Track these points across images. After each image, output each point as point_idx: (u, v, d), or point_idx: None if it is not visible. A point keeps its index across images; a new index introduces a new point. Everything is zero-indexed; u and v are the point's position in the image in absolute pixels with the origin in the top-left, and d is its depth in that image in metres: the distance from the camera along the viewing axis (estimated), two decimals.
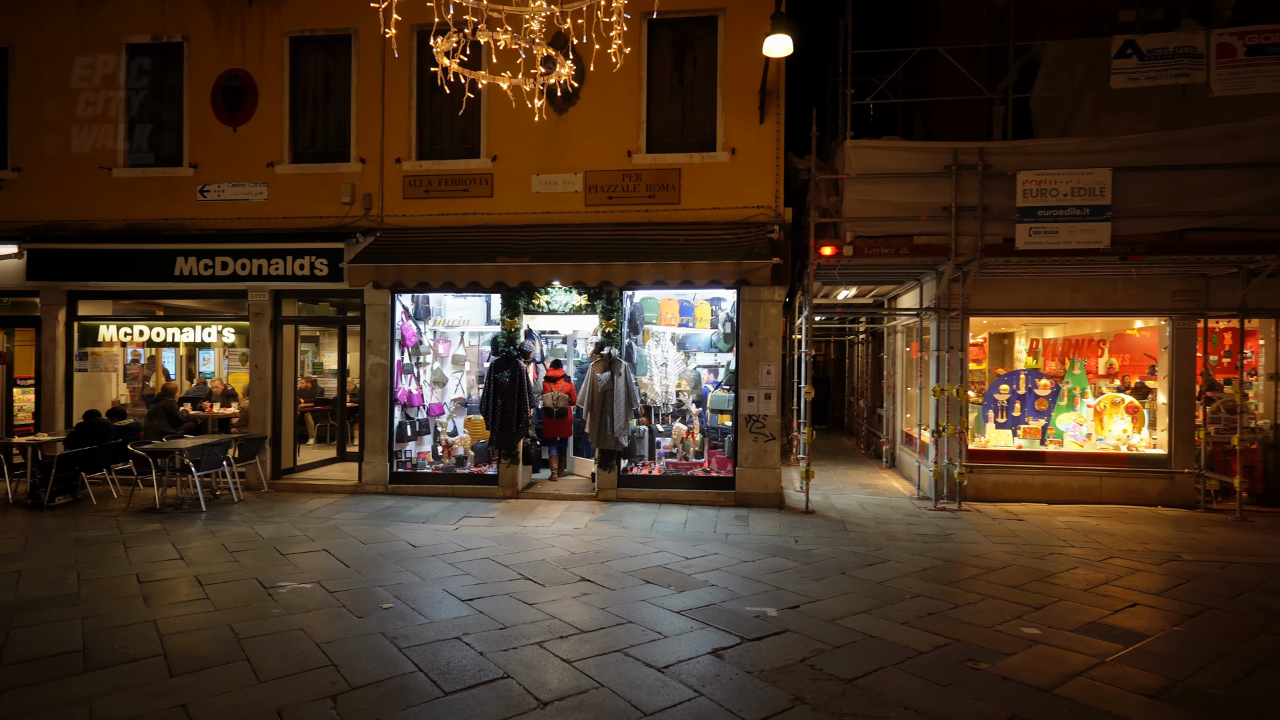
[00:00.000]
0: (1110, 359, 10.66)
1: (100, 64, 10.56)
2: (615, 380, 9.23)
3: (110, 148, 10.55)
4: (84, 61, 10.57)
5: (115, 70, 10.55)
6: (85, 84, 10.58)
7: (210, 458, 9.01)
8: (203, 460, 8.89)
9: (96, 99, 10.57)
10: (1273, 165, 8.36)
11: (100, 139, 10.57)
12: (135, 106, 10.62)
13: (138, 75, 10.62)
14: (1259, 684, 4.34)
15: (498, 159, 9.84)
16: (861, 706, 4.00)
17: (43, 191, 10.59)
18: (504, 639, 4.90)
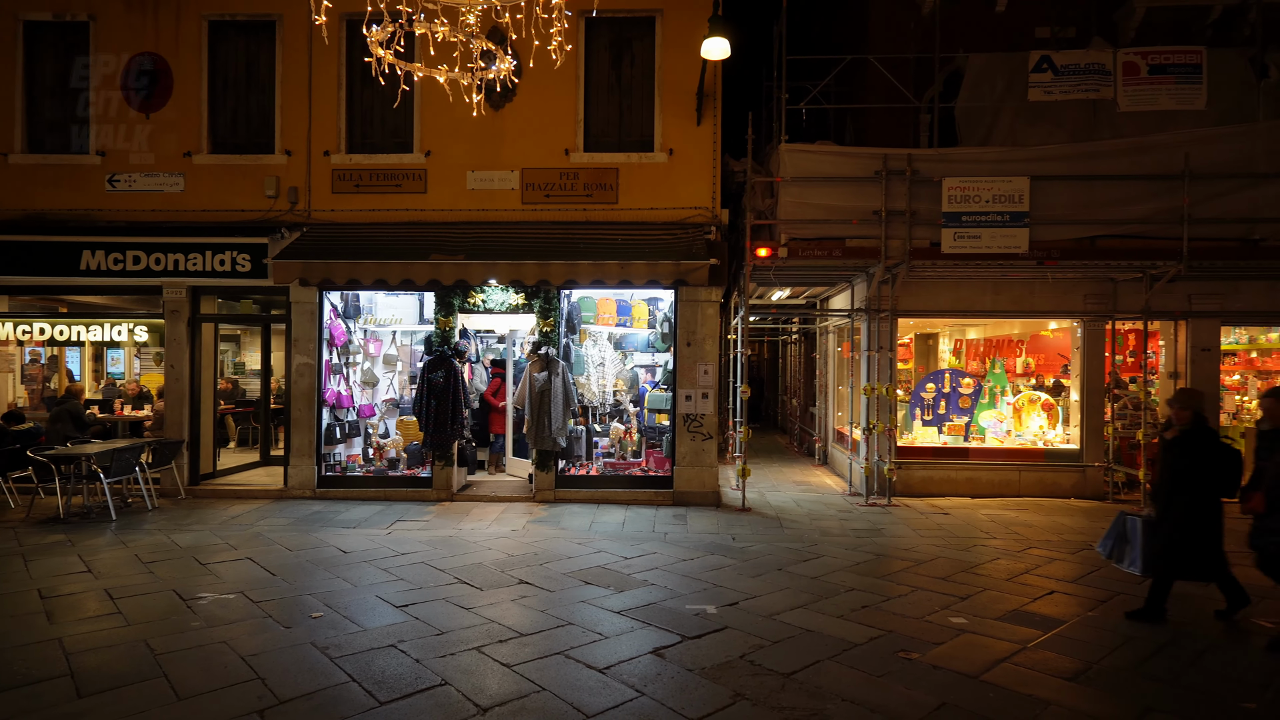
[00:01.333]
0: (1027, 359, 11.19)
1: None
2: (553, 380, 9.15)
3: (6, 132, 9.84)
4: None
5: (12, 49, 9.84)
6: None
7: (121, 463, 8.49)
8: (112, 466, 8.38)
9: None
10: (1172, 178, 8.92)
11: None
12: (35, 89, 9.94)
13: (38, 55, 9.94)
14: (1161, 663, 4.62)
15: (432, 154, 9.62)
16: (800, 700, 4.07)
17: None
18: (441, 645, 4.79)
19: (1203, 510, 5.28)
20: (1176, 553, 5.33)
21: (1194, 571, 5.36)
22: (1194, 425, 5.39)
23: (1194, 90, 9.28)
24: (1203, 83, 9.28)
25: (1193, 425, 5.39)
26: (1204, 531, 5.29)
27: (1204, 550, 5.30)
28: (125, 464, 8.58)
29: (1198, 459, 5.30)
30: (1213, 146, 9.09)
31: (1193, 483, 5.30)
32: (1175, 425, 5.48)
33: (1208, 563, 5.32)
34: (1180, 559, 5.33)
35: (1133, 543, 5.64)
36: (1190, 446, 5.35)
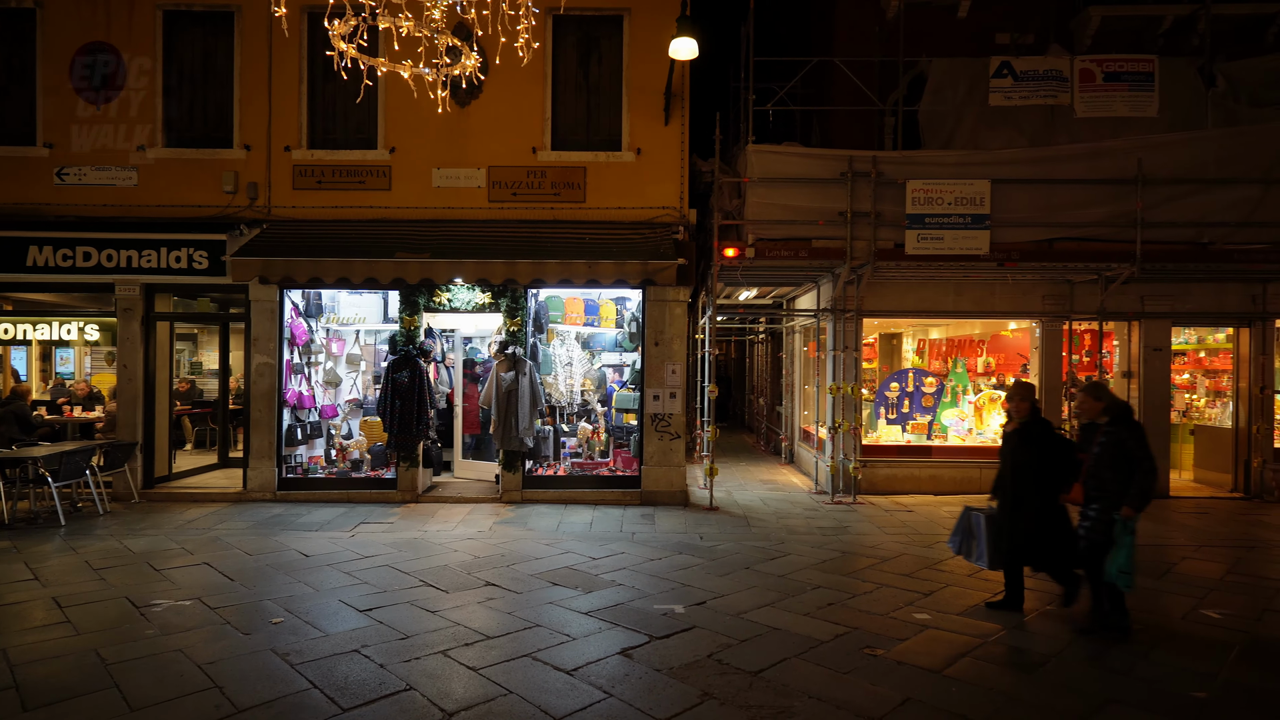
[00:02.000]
0: (988, 358, 11.41)
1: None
2: (520, 380, 9.08)
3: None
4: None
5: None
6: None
7: (70, 466, 8.21)
8: (61, 469, 8.09)
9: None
10: (1126, 182, 9.18)
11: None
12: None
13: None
14: (1120, 655, 4.73)
15: (396, 151, 9.48)
16: (768, 698, 4.08)
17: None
18: (406, 649, 4.71)
19: (1041, 501, 5.33)
20: (1019, 543, 5.40)
21: (1036, 562, 5.43)
22: (1031, 418, 5.46)
23: (1147, 98, 9.56)
24: (1155, 90, 9.57)
25: (1030, 418, 5.46)
26: (1043, 522, 5.34)
27: (1043, 541, 5.36)
28: (75, 467, 8.29)
29: (1034, 451, 5.38)
30: (1164, 152, 9.36)
31: (1030, 475, 5.37)
32: (1014, 418, 5.55)
33: (1047, 554, 5.39)
34: (1022, 549, 5.41)
35: (978, 538, 5.67)
36: (1027, 439, 5.43)
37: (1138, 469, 4.94)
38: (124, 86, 9.47)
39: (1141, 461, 4.94)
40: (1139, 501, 4.91)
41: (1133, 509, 4.90)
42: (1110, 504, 5.02)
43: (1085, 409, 5.37)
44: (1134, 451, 4.97)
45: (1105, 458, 5.06)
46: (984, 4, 11.03)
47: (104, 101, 9.48)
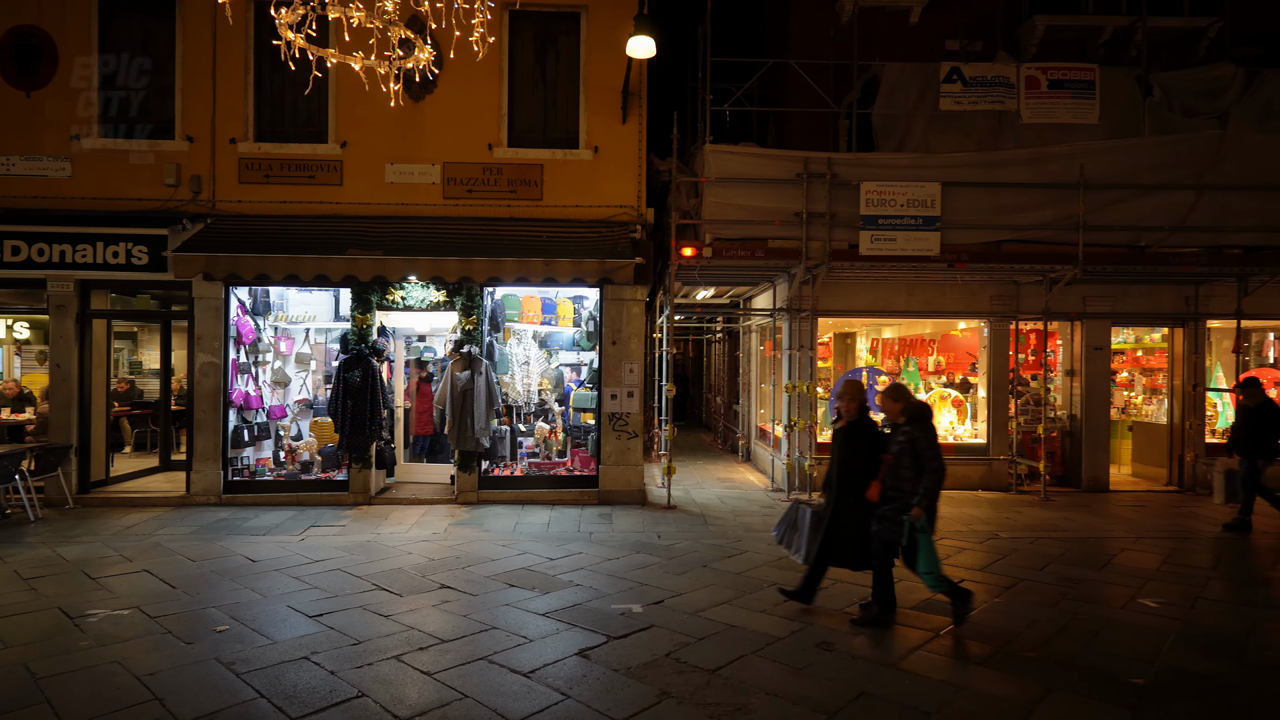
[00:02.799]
0: (939, 357, 11.68)
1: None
2: (476, 379, 8.96)
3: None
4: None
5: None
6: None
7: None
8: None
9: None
10: (1069, 186, 9.48)
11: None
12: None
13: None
14: (1064, 644, 4.88)
15: (348, 145, 9.26)
16: (725, 695, 4.10)
17: None
18: (357, 655, 4.60)
19: (856, 499, 5.27)
20: (828, 540, 5.37)
21: (849, 560, 5.38)
22: (859, 417, 5.43)
23: (1088, 105, 9.89)
24: (1096, 98, 9.91)
25: (858, 417, 5.43)
26: (859, 521, 5.28)
27: (858, 539, 5.30)
28: (3, 471, 7.90)
29: (857, 450, 5.35)
30: (1104, 159, 9.70)
31: (850, 473, 5.33)
32: (843, 417, 5.51)
33: (860, 552, 5.33)
34: (830, 546, 5.37)
35: (800, 531, 5.66)
36: (852, 437, 5.39)
37: (926, 469, 4.96)
38: (56, 72, 9.05)
39: (930, 462, 4.97)
40: (926, 501, 4.94)
41: (921, 509, 4.92)
42: (904, 504, 5.02)
43: (886, 410, 5.37)
44: (924, 452, 4.99)
45: (903, 458, 5.06)
46: (935, 10, 11.27)
47: (35, 88, 9.04)
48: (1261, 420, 8.07)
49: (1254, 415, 8.14)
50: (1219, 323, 10.82)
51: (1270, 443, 8.04)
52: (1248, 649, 4.84)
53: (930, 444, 5.03)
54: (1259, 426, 8.07)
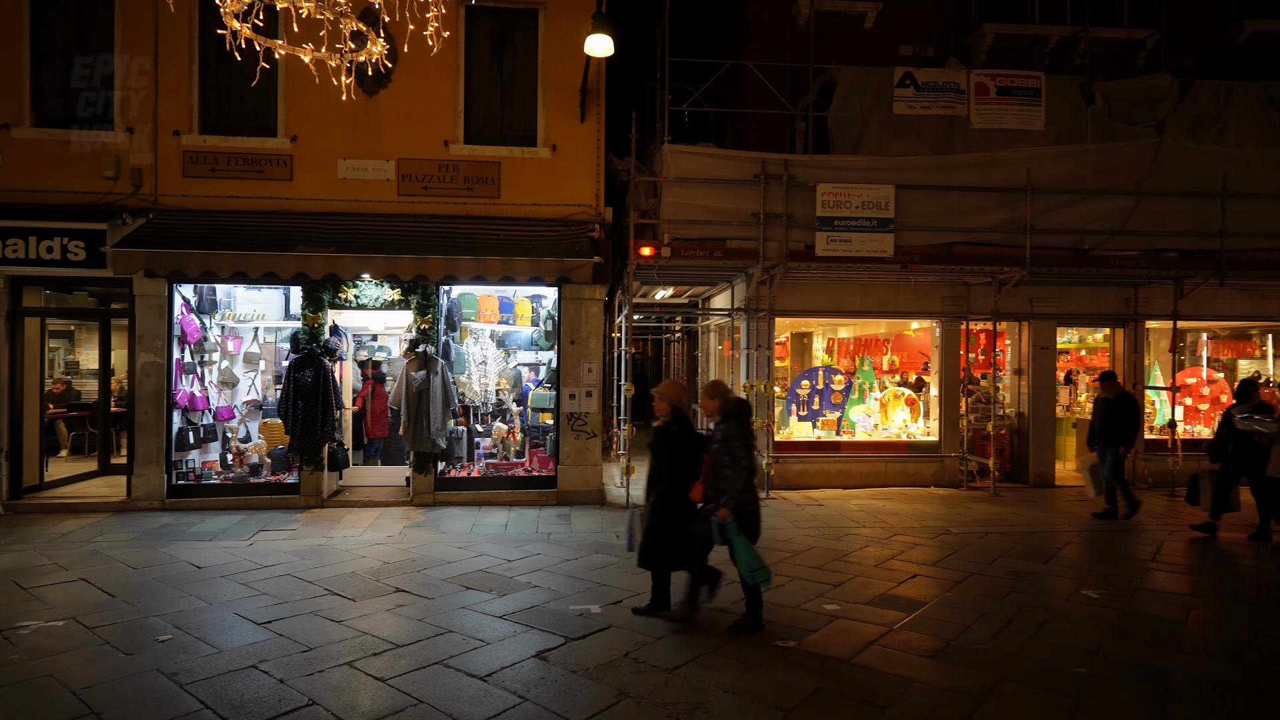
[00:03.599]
0: (893, 356, 11.90)
1: None
2: (431, 379, 8.82)
3: None
4: None
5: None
6: None
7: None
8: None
9: None
10: (1017, 191, 9.74)
11: None
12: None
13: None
14: (1012, 636, 5.01)
15: (298, 139, 9.02)
16: (683, 694, 4.10)
17: None
18: (308, 662, 4.48)
19: (679, 500, 5.14)
20: (655, 541, 5.20)
21: (666, 561, 5.24)
22: (672, 416, 5.30)
23: (1035, 112, 10.18)
24: (1042, 105, 10.19)
25: (671, 416, 5.30)
26: (676, 521, 5.15)
27: (674, 539, 5.15)
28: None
29: (673, 450, 5.21)
30: (1050, 164, 10.00)
31: (672, 474, 5.20)
32: (659, 417, 5.38)
33: (675, 553, 5.18)
34: (648, 548, 5.23)
35: (631, 533, 5.51)
36: (666, 438, 5.25)
37: (735, 468, 4.89)
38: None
39: (739, 461, 4.90)
40: (733, 500, 4.88)
41: (728, 510, 4.87)
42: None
43: (704, 408, 5.28)
44: (736, 450, 4.91)
45: (720, 457, 4.97)
46: (889, 16, 11.49)
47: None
48: (1121, 412, 8.56)
49: (1114, 407, 8.62)
50: (1157, 323, 11.24)
51: (1130, 431, 8.55)
52: (1182, 637, 5.03)
53: (745, 443, 4.95)
54: (1120, 418, 8.55)
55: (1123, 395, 8.72)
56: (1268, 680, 4.36)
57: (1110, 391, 8.75)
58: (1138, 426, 8.58)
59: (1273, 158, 10.33)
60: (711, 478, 5.02)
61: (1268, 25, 11.67)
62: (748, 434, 5.02)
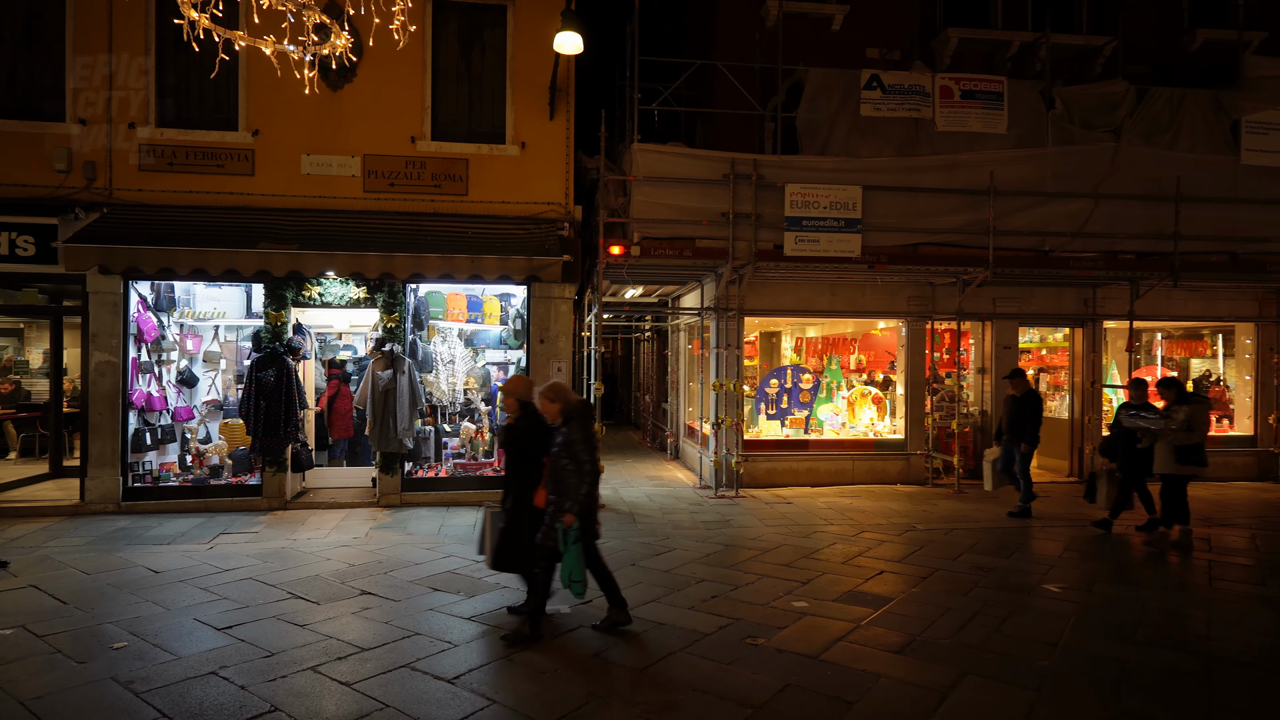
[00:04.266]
0: (860, 355, 12.05)
1: None
2: (398, 378, 8.70)
3: None
4: None
5: None
6: None
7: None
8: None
9: None
10: (980, 192, 9.92)
11: None
12: None
13: None
14: (976, 631, 5.09)
15: (260, 134, 8.83)
16: (653, 694, 4.10)
17: None
18: (271, 668, 4.38)
19: (525, 502, 5.01)
20: (511, 545, 5.01)
21: (515, 566, 5.06)
22: (521, 413, 5.10)
23: (998, 115, 10.37)
24: (1004, 109, 10.39)
25: (520, 413, 5.11)
26: (525, 524, 4.97)
27: (526, 543, 4.95)
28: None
29: (523, 450, 5.03)
30: (1012, 167, 10.20)
31: (523, 475, 5.03)
32: (508, 415, 5.19)
33: (526, 556, 4.96)
34: (507, 553, 5.04)
35: (485, 537, 5.38)
36: (515, 437, 5.08)
37: (579, 472, 4.73)
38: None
39: (583, 464, 4.74)
40: (579, 506, 4.71)
41: (573, 514, 4.69)
42: (561, 509, 4.76)
43: (544, 411, 4.99)
44: (578, 454, 4.74)
45: (561, 460, 4.78)
46: (856, 19, 11.60)
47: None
48: (1025, 409, 8.67)
49: (1019, 404, 8.74)
50: (1114, 323, 11.53)
51: (1032, 429, 8.64)
52: (1136, 629, 5.17)
53: (587, 446, 4.76)
54: (1024, 415, 8.66)
55: (1028, 393, 8.80)
56: (1216, 669, 4.49)
57: (1018, 389, 8.83)
58: (1039, 424, 8.67)
59: (1222, 163, 10.68)
60: (554, 481, 4.83)
61: (1218, 35, 12.03)
62: (590, 437, 4.82)
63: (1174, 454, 7.35)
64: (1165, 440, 7.37)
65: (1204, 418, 7.32)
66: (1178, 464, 7.36)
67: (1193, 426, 7.23)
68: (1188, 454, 7.32)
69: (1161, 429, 7.40)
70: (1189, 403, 7.35)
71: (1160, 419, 7.45)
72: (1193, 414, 7.24)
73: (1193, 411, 7.26)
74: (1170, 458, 7.38)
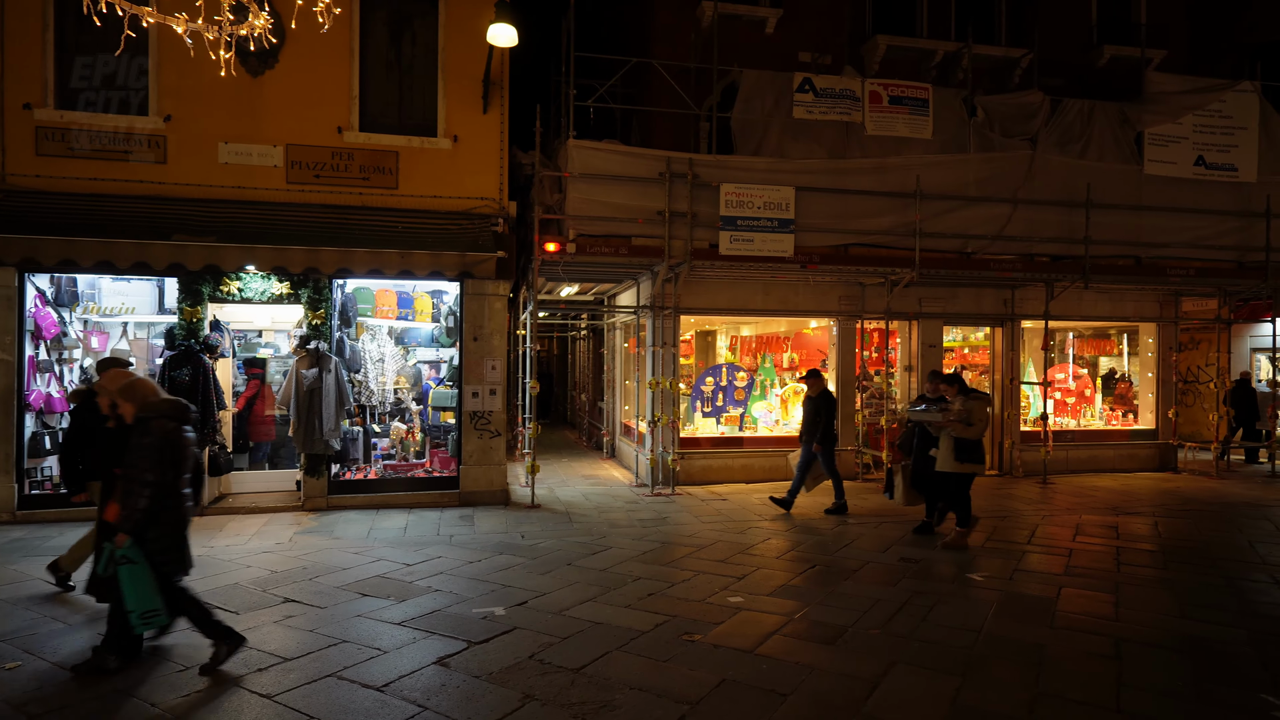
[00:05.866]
0: (793, 354, 12.26)
1: None
2: (324, 377, 8.38)
3: None
4: None
5: None
6: None
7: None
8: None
9: None
10: (908, 195, 10.23)
11: None
12: None
13: None
14: (903, 621, 5.23)
15: (173, 119, 8.37)
16: (590, 694, 4.04)
17: None
18: (186, 682, 4.13)
19: (101, 518, 4.58)
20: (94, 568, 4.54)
21: (102, 593, 4.59)
22: (114, 414, 4.62)
23: (923, 121, 10.72)
24: (930, 115, 10.75)
25: (114, 414, 4.63)
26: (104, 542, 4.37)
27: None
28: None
29: (116, 454, 4.41)
30: (937, 171, 10.56)
31: (110, 485, 4.58)
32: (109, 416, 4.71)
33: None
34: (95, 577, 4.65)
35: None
36: (112, 440, 4.57)
37: (140, 483, 4.10)
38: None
39: (145, 474, 4.10)
40: (130, 524, 4.11)
41: (126, 533, 4.12)
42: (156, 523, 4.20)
43: (123, 412, 4.46)
44: (144, 462, 4.10)
45: (129, 469, 4.17)
46: (789, 23, 11.81)
47: None
48: (819, 409, 8.60)
49: (814, 404, 8.65)
50: (1031, 323, 12.07)
51: (823, 429, 8.55)
52: (1055, 615, 5.40)
53: (151, 453, 4.11)
54: (817, 415, 8.58)
55: (823, 393, 8.70)
56: (1126, 649, 4.73)
57: (813, 389, 8.74)
58: (831, 424, 8.61)
59: (1127, 173, 11.31)
60: (124, 494, 4.18)
61: (1124, 51, 12.75)
62: (168, 443, 4.19)
63: (954, 451, 7.16)
64: (945, 433, 7.21)
65: (982, 413, 7.16)
66: (957, 461, 7.16)
67: (971, 420, 7.07)
68: (967, 451, 7.13)
69: (938, 421, 7.27)
70: (969, 397, 7.23)
71: (937, 411, 7.32)
72: (971, 407, 7.10)
73: (971, 405, 7.12)
74: (950, 455, 7.18)
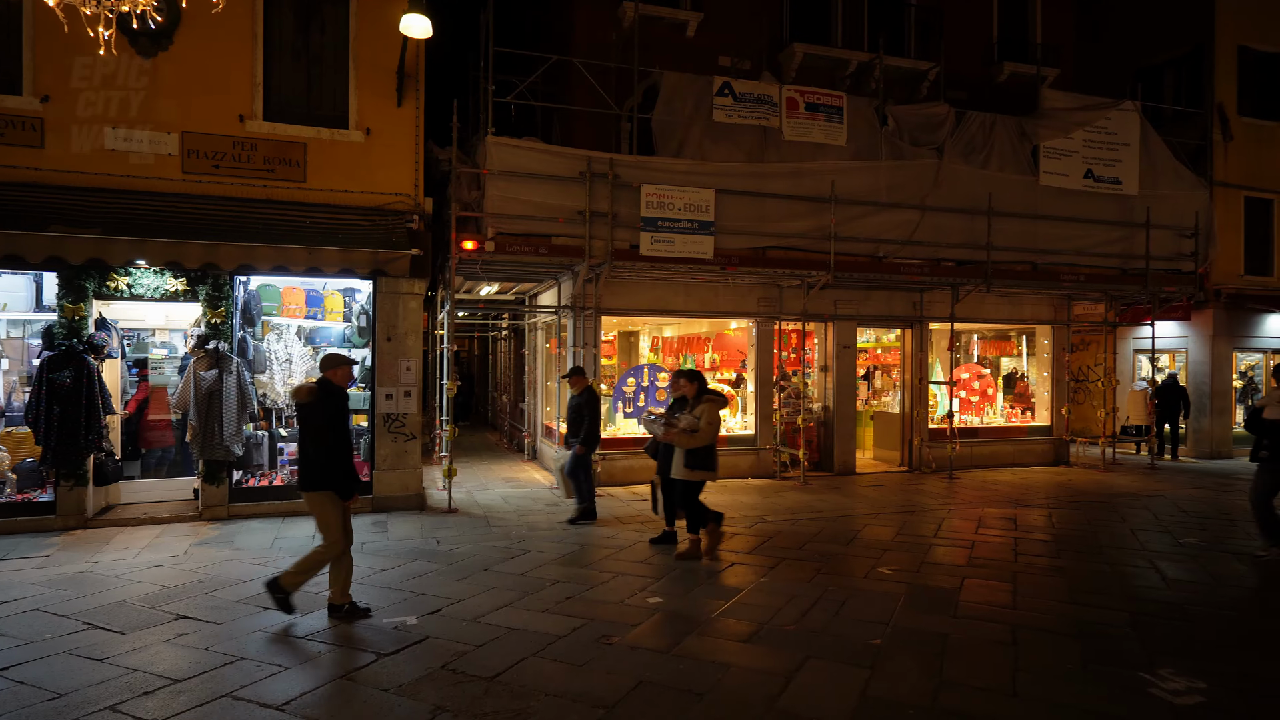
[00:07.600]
0: (714, 354, 12.41)
1: None
2: (225, 379, 7.94)
3: None
4: None
5: None
6: None
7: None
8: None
9: None
10: (823, 200, 10.51)
11: None
12: None
13: None
14: (818, 615, 5.34)
15: (51, 100, 7.75)
16: (504, 702, 3.95)
17: None
18: (57, 712, 3.81)
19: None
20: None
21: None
22: None
23: (838, 128, 11.03)
24: (844, 123, 11.07)
25: None
26: None
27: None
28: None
29: None
30: (851, 177, 10.89)
31: None
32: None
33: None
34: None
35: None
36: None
37: None
38: None
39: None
40: None
41: None
42: None
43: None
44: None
45: None
46: (709, 27, 11.94)
47: None
48: (581, 409, 8.18)
49: (577, 403, 8.25)
50: (938, 325, 12.61)
51: (590, 430, 8.14)
52: (957, 605, 5.63)
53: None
54: (580, 415, 8.17)
55: (586, 391, 8.22)
56: (1022, 636, 4.98)
57: (576, 388, 8.26)
58: (597, 424, 8.25)
59: (1025, 183, 11.97)
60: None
61: (1021, 68, 13.49)
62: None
63: (684, 458, 6.67)
64: (673, 443, 6.71)
65: (713, 417, 6.66)
66: (686, 469, 6.67)
67: (697, 428, 6.56)
68: (697, 458, 6.66)
69: (660, 436, 6.82)
70: (704, 398, 6.71)
71: (660, 424, 6.79)
72: (702, 412, 6.59)
73: (703, 409, 6.61)
74: (680, 462, 6.70)
